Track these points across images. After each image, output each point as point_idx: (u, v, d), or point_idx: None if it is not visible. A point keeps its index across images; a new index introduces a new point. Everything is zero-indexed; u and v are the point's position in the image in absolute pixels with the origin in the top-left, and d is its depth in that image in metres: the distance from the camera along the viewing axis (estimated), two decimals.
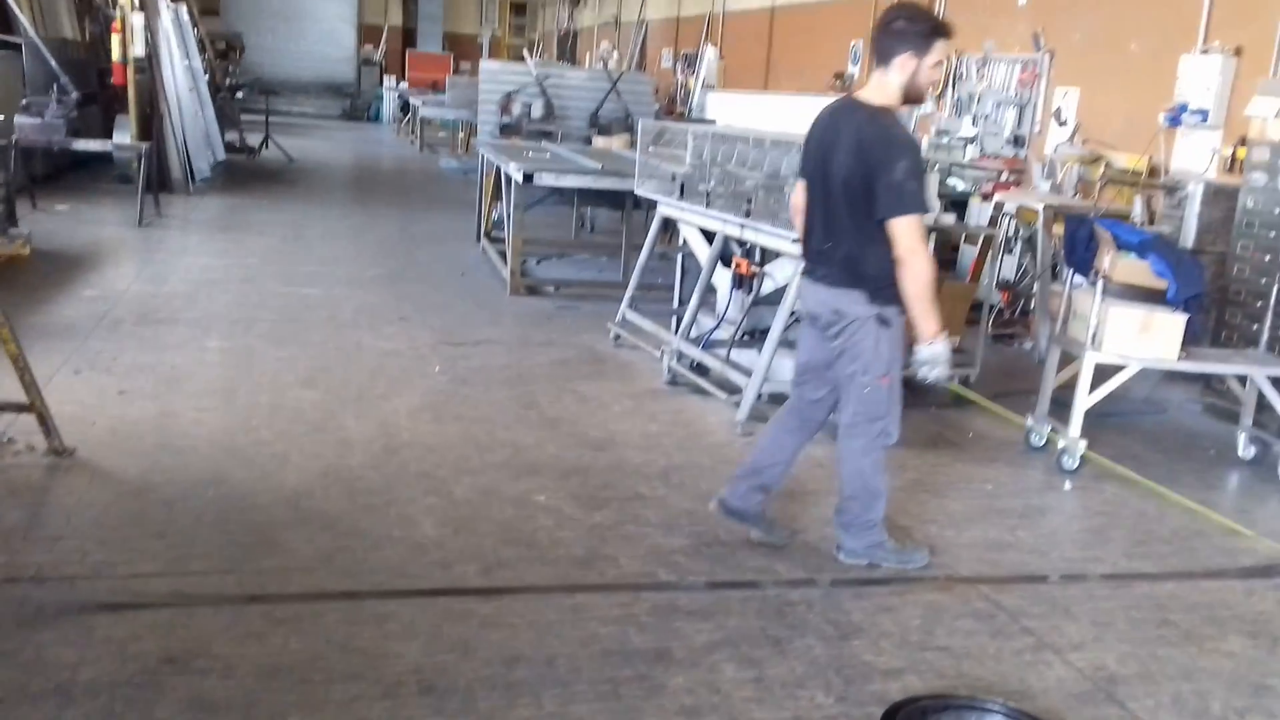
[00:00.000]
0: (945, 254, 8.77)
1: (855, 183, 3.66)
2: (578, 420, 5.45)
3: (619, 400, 5.84)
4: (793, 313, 5.59)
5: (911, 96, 3.76)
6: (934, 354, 3.71)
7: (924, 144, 10.12)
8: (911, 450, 5.33)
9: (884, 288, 3.70)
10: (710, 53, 16.21)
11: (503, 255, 8.94)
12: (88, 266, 8.08)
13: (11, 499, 4.05)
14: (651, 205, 6.97)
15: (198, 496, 4.15)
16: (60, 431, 4.46)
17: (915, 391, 6.17)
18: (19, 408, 4.43)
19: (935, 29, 3.71)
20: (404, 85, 25.51)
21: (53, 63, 11.28)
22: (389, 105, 26.08)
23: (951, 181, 9.17)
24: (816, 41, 14.02)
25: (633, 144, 8.37)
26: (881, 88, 3.74)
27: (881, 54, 3.71)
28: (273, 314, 7.09)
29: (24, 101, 10.70)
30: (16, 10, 11.15)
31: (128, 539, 3.77)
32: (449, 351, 6.53)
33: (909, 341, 3.84)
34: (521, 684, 3.07)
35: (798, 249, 5.32)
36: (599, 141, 11.47)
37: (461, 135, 19.12)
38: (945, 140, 10.49)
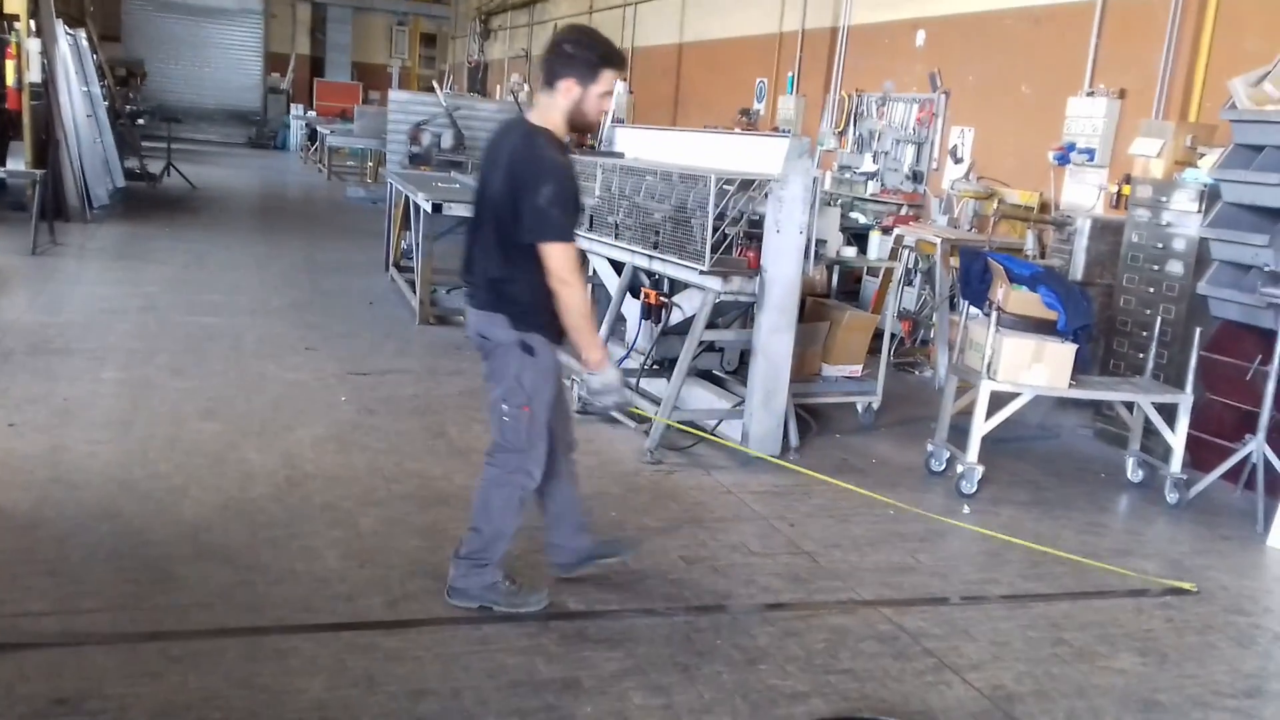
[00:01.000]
0: (848, 285, 9.00)
1: (503, 202, 3.48)
2: None
3: None
4: (700, 342, 5.67)
5: (578, 123, 3.61)
6: (605, 382, 3.62)
7: (826, 179, 10.36)
8: (816, 476, 5.43)
9: (529, 314, 3.52)
10: (619, 87, 16.39)
11: (411, 285, 8.88)
12: None
13: None
14: None
15: (91, 531, 4.02)
16: None
17: (819, 419, 6.32)
18: None
19: (604, 58, 3.53)
20: (312, 114, 25.19)
21: None
22: (296, 133, 25.71)
23: (853, 215, 9.40)
24: (723, 78, 14.28)
25: None
26: (545, 110, 3.57)
27: (547, 76, 3.54)
28: (173, 344, 6.91)
29: None
30: None
31: (16, 576, 3.63)
32: (356, 381, 6.45)
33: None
34: (427, 718, 3.04)
35: (706, 280, 5.43)
36: None
37: (370, 164, 18.95)
38: (847, 175, 10.77)
